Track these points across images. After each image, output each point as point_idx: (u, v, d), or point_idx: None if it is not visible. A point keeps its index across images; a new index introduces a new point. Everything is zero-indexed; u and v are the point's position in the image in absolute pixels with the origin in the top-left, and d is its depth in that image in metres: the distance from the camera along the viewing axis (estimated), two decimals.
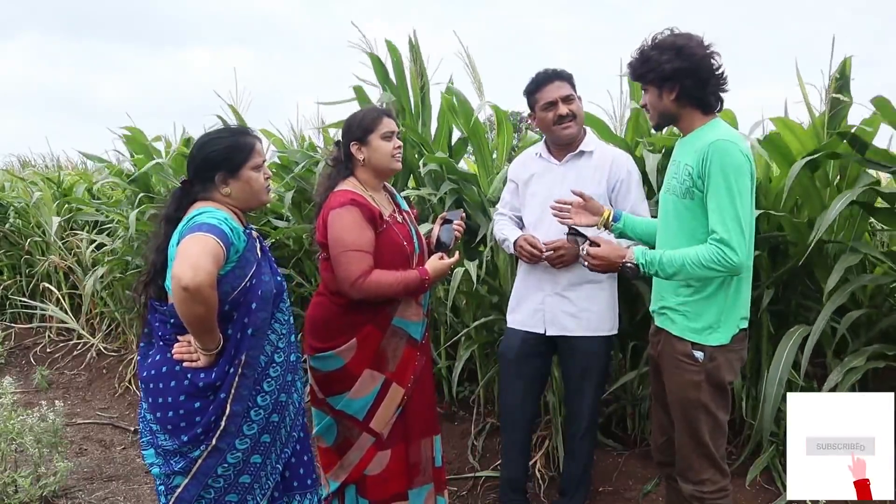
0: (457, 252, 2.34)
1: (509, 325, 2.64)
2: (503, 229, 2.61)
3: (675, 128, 2.06)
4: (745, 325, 1.98)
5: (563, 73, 2.49)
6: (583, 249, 1.98)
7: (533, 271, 2.52)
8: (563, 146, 2.53)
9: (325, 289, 2.27)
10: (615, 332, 2.58)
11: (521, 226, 2.64)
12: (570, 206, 2.26)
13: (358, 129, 2.22)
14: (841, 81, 2.49)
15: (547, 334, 2.53)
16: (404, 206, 2.40)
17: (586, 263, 2.02)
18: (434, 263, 2.23)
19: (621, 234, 2.25)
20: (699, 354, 1.93)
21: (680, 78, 1.88)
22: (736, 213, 1.80)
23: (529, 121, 2.61)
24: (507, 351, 2.63)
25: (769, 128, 2.79)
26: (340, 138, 2.30)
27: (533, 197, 2.57)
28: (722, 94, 1.94)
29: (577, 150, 2.52)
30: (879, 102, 2.39)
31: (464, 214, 2.41)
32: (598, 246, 1.98)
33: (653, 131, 2.84)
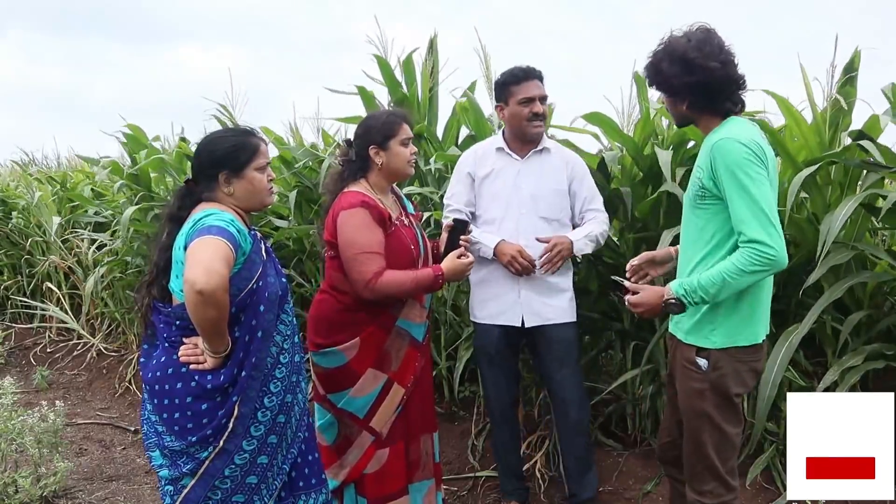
0: (470, 255, 2.30)
1: (481, 320, 2.62)
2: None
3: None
4: (760, 336, 1.90)
5: (541, 73, 2.55)
6: (626, 301, 1.94)
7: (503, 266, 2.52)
8: (524, 142, 2.57)
9: (328, 286, 2.28)
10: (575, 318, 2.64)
11: (471, 220, 2.60)
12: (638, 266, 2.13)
13: (379, 133, 2.21)
14: (849, 76, 2.48)
15: (526, 326, 2.55)
16: (410, 209, 2.41)
17: (633, 310, 1.95)
18: (451, 262, 2.22)
19: None
20: (703, 363, 1.87)
21: (689, 92, 1.85)
22: (756, 206, 1.71)
23: (497, 111, 2.63)
24: (486, 346, 2.64)
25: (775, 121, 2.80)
26: (353, 138, 2.28)
27: (495, 193, 2.57)
28: (740, 97, 1.88)
29: (540, 147, 2.57)
30: (895, 91, 2.39)
31: (472, 228, 2.39)
32: (637, 294, 1.91)
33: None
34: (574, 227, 2.61)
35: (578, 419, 2.63)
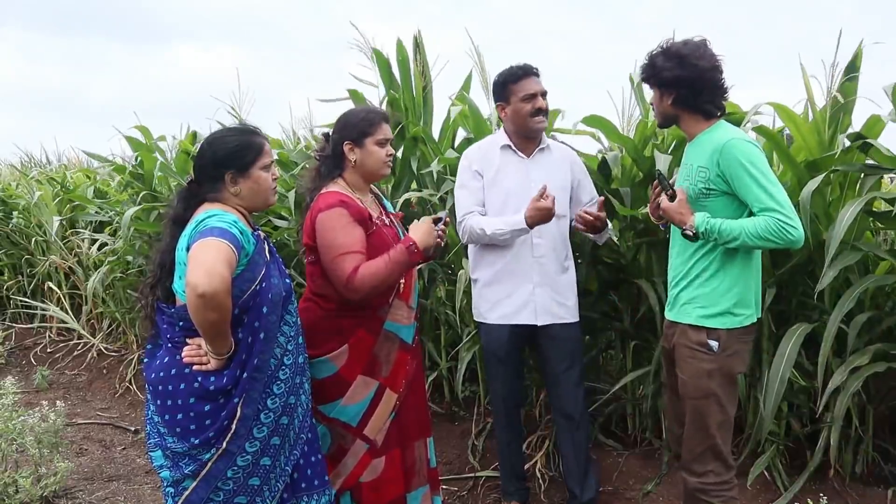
0: (442, 214, 2.27)
1: (492, 321, 2.60)
2: (491, 223, 2.49)
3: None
4: (755, 317, 2.07)
5: (538, 69, 2.57)
6: (662, 200, 2.07)
7: (517, 263, 2.53)
8: (529, 140, 2.58)
9: (311, 293, 2.21)
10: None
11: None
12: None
13: (355, 129, 2.17)
14: (850, 75, 2.47)
15: (539, 325, 2.55)
16: (390, 208, 2.37)
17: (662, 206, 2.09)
18: (416, 228, 2.13)
19: None
20: (713, 344, 2.01)
21: (675, 86, 2.01)
22: (778, 191, 1.90)
23: (498, 111, 2.62)
24: (495, 348, 2.63)
25: (766, 122, 2.80)
26: (331, 133, 2.23)
27: (506, 192, 2.55)
28: (722, 103, 2.05)
29: (542, 146, 2.60)
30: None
31: (447, 218, 2.34)
32: (673, 201, 2.05)
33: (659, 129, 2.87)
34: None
35: (582, 418, 2.65)
